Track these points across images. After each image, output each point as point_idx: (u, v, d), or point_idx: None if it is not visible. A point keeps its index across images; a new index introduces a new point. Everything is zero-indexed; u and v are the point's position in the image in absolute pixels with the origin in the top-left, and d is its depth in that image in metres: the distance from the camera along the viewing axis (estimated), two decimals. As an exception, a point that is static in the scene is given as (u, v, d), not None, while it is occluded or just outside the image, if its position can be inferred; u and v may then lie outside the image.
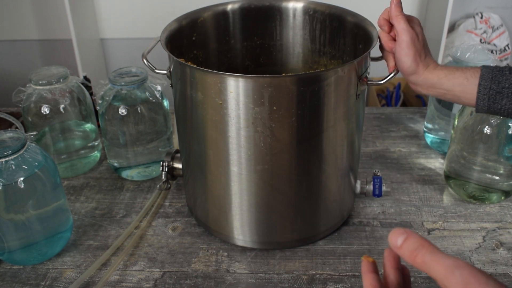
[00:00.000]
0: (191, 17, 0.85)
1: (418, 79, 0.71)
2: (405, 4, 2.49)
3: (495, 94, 0.65)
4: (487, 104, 0.66)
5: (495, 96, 0.65)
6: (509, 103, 0.64)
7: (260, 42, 0.93)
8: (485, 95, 0.65)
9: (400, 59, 0.71)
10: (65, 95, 0.94)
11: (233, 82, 0.66)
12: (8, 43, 2.27)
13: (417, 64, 0.70)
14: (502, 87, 0.64)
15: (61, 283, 0.76)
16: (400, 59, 0.71)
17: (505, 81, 0.64)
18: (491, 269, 0.77)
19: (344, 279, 0.76)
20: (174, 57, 0.70)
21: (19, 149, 0.72)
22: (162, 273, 0.77)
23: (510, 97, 0.64)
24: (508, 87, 0.64)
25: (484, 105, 0.66)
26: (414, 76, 0.71)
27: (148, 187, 0.96)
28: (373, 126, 1.15)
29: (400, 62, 0.71)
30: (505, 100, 0.64)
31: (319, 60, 0.92)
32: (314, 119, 0.70)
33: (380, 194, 0.85)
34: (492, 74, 0.65)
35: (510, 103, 0.64)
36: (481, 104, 0.66)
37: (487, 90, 0.65)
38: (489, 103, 0.65)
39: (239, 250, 0.81)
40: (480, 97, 0.66)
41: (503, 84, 0.64)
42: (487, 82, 0.65)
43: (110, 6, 2.18)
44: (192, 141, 0.77)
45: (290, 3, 0.89)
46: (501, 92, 0.64)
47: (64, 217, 0.81)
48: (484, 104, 0.66)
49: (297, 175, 0.74)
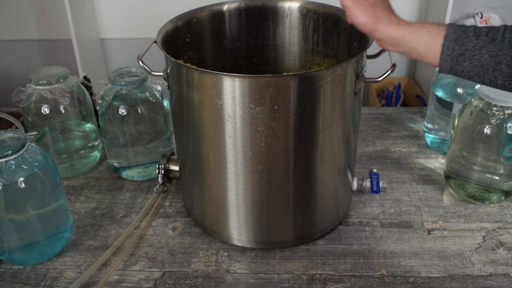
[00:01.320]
0: (185, 18, 0.85)
1: (382, 35, 0.68)
2: (405, 4, 2.48)
3: (457, 56, 0.63)
4: (449, 65, 0.65)
5: (458, 57, 0.63)
6: (470, 66, 0.63)
7: (253, 42, 0.94)
8: (448, 56, 0.64)
9: (354, 18, 0.69)
10: (65, 95, 0.94)
11: (234, 83, 0.66)
12: (8, 43, 2.27)
13: (373, 20, 0.68)
14: (465, 49, 0.63)
15: (61, 283, 0.76)
16: (353, 18, 0.69)
17: (468, 43, 0.63)
18: (491, 269, 0.77)
19: (344, 279, 0.76)
20: (172, 59, 0.70)
21: (19, 149, 0.72)
22: (162, 273, 0.77)
23: (472, 60, 0.63)
24: (471, 49, 0.63)
25: (446, 66, 0.65)
26: (377, 33, 0.69)
27: (148, 187, 0.96)
28: (373, 126, 1.15)
29: (354, 18, 0.69)
30: (467, 62, 0.63)
31: (312, 59, 0.93)
32: (314, 117, 0.70)
33: (378, 190, 0.85)
34: (457, 35, 0.64)
35: (471, 66, 0.63)
36: (443, 65, 0.65)
37: (450, 51, 0.64)
38: (452, 64, 0.64)
39: (239, 250, 0.81)
40: (443, 58, 0.64)
41: (466, 46, 0.63)
42: (451, 43, 0.64)
43: (110, 6, 2.18)
44: (190, 142, 0.77)
45: (285, 3, 0.89)
46: (464, 54, 0.63)
47: (64, 217, 0.81)
48: (446, 65, 0.65)
49: (297, 173, 0.74)
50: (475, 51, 0.63)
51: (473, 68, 0.63)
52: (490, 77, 0.63)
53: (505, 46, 0.61)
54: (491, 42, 0.62)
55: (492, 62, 0.62)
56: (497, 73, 0.62)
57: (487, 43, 0.62)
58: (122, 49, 2.26)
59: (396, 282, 0.75)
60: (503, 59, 0.61)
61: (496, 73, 0.62)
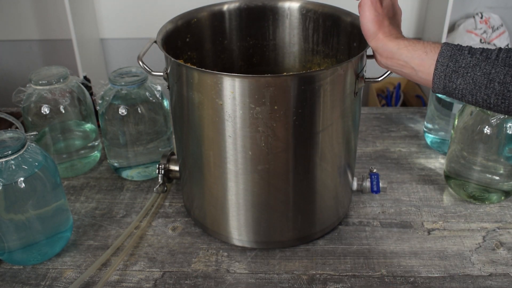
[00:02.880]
0: (185, 18, 0.85)
1: (378, 44, 0.69)
2: (405, 4, 2.48)
3: (451, 73, 0.63)
4: (442, 82, 0.64)
5: (451, 74, 0.63)
6: (463, 83, 0.63)
7: (253, 42, 0.94)
8: (441, 72, 0.64)
9: (362, 18, 0.70)
10: (65, 95, 0.94)
11: (234, 83, 0.66)
12: (8, 43, 2.27)
13: (377, 27, 0.69)
14: (459, 66, 0.63)
15: (61, 283, 0.76)
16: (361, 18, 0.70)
17: (462, 60, 0.63)
18: (491, 269, 0.77)
19: (344, 279, 0.76)
20: (172, 59, 0.70)
21: (19, 149, 0.72)
22: (162, 273, 0.77)
23: (465, 77, 0.63)
24: (465, 66, 0.63)
25: (440, 83, 0.65)
26: (374, 41, 0.70)
27: (148, 187, 0.96)
28: (373, 126, 1.15)
29: (362, 18, 0.70)
30: (460, 79, 0.63)
31: (312, 59, 0.93)
32: (314, 117, 0.70)
33: (378, 190, 0.86)
34: (451, 52, 0.64)
35: (464, 83, 0.63)
36: (437, 82, 0.65)
37: (444, 68, 0.64)
38: (445, 81, 0.64)
39: (239, 250, 0.81)
40: (437, 74, 0.64)
41: (460, 63, 0.63)
42: (445, 60, 0.64)
43: (110, 6, 2.18)
44: (190, 142, 0.77)
45: (285, 3, 0.90)
46: (457, 71, 0.63)
47: (64, 217, 0.81)
48: (440, 82, 0.64)
49: (297, 173, 0.74)
50: (468, 68, 0.62)
51: (466, 85, 0.63)
52: (483, 95, 0.62)
53: (498, 64, 0.60)
54: (485, 60, 0.61)
55: (485, 79, 0.61)
56: (490, 91, 0.61)
57: (481, 61, 0.62)
58: (122, 49, 2.26)
59: (396, 282, 0.75)
60: (495, 76, 0.61)
61: (489, 91, 0.61)
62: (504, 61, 0.60)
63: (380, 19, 0.69)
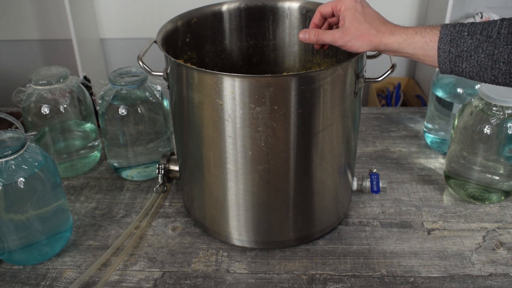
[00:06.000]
0: (185, 18, 0.85)
1: (379, 48, 0.69)
2: (405, 5, 2.48)
3: (454, 58, 0.63)
4: (449, 67, 0.65)
5: (455, 59, 0.63)
6: (469, 67, 0.63)
7: (253, 42, 0.94)
8: (445, 58, 0.64)
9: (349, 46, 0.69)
10: (65, 95, 0.94)
11: (234, 83, 0.66)
12: (8, 43, 2.27)
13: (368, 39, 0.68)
14: (461, 51, 0.63)
15: (61, 283, 0.76)
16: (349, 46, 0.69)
17: (463, 44, 0.62)
18: (491, 269, 0.77)
19: (344, 279, 0.76)
20: (172, 59, 0.70)
21: (19, 149, 0.72)
22: (162, 273, 0.77)
23: (469, 61, 0.62)
24: (467, 50, 0.62)
25: (446, 68, 0.65)
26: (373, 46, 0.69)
27: (148, 187, 0.96)
28: (373, 126, 1.15)
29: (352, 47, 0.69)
30: (465, 63, 0.63)
31: (312, 59, 0.93)
32: (314, 117, 0.70)
33: (378, 190, 0.86)
34: (451, 37, 0.63)
35: (470, 67, 0.63)
36: (443, 67, 0.65)
37: (446, 54, 0.64)
38: (451, 66, 0.64)
39: (239, 250, 0.81)
40: (441, 61, 0.64)
41: (461, 47, 0.62)
42: (446, 46, 0.64)
43: (110, 6, 2.18)
44: (190, 142, 0.77)
45: (285, 3, 0.90)
46: (460, 55, 0.63)
47: (64, 217, 0.81)
48: (446, 67, 0.65)
49: (297, 173, 0.74)
50: (471, 51, 0.62)
51: (472, 68, 0.63)
52: (490, 76, 0.62)
53: (500, 43, 0.60)
54: (486, 40, 0.61)
55: (489, 61, 0.61)
56: (496, 72, 0.62)
57: (482, 42, 0.61)
58: (122, 49, 2.26)
59: (396, 282, 0.75)
60: (500, 57, 0.61)
61: (495, 71, 0.62)
62: (506, 39, 0.60)
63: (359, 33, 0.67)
